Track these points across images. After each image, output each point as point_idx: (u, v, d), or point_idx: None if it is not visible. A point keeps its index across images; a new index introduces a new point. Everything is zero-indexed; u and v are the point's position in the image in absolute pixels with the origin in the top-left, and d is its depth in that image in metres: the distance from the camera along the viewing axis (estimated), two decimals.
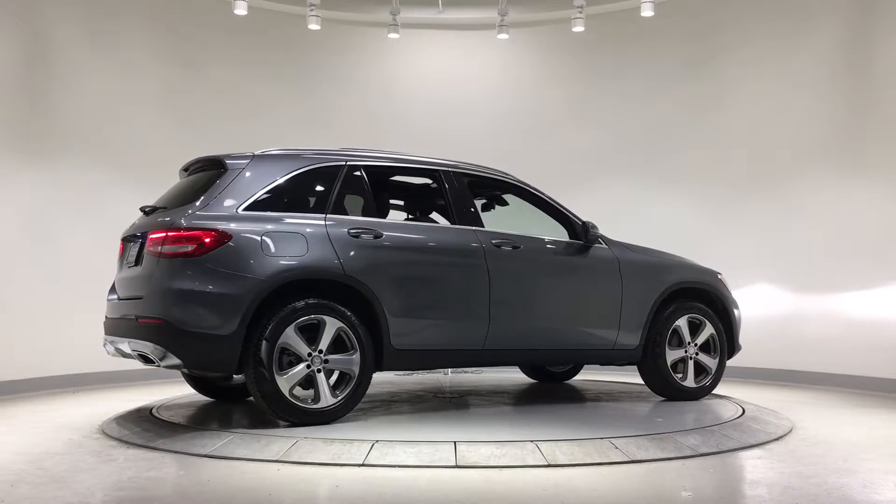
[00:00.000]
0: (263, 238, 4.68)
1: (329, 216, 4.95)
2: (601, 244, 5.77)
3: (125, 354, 5.06)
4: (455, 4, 9.42)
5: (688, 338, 5.94)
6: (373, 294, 4.87)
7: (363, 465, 4.02)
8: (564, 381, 7.24)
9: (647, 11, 8.42)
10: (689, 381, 5.95)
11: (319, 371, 4.74)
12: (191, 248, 4.57)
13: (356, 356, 4.82)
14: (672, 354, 5.88)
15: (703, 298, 6.10)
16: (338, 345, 4.82)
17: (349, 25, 9.39)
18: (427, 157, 5.66)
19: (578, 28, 8.80)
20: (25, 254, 7.34)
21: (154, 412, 5.41)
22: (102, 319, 5.34)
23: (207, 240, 4.57)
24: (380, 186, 5.88)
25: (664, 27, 8.93)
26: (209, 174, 5.06)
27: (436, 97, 9.46)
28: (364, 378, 4.87)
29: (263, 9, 8.97)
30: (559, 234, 5.77)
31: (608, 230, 5.91)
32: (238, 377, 5.44)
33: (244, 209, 4.78)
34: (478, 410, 5.63)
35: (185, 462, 4.18)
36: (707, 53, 8.80)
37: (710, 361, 6.04)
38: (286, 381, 4.64)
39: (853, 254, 7.61)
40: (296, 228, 4.80)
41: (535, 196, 5.81)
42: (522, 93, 9.52)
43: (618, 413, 5.59)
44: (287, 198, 4.97)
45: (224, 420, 5.10)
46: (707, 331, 6.01)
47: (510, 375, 7.79)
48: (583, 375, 7.45)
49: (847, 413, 6.17)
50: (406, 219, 6.26)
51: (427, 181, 5.91)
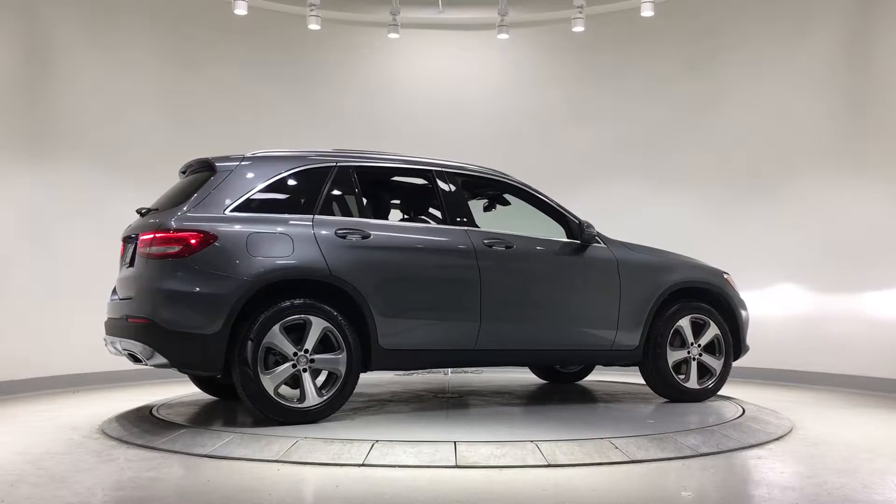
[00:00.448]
0: (249, 239, 4.74)
1: (317, 217, 4.99)
2: (599, 243, 5.72)
3: (120, 353, 5.12)
4: (455, 4, 9.42)
5: (690, 338, 5.85)
6: (359, 294, 4.90)
7: (363, 465, 4.03)
8: (575, 382, 7.15)
9: (647, 11, 8.42)
10: (692, 383, 5.85)
11: (305, 370, 4.78)
12: (177, 250, 4.65)
13: (342, 356, 4.85)
14: (674, 355, 5.80)
15: (708, 298, 6.00)
16: (326, 345, 4.86)
17: (349, 25, 9.39)
18: (419, 158, 5.67)
19: (578, 28, 8.80)
20: (25, 253, 7.33)
21: (154, 412, 5.41)
22: (103, 319, 5.35)
23: (193, 241, 4.65)
24: (371, 187, 5.92)
25: (664, 27, 8.93)
26: (200, 176, 5.11)
27: (436, 97, 9.45)
28: (351, 378, 4.90)
29: (263, 9, 8.97)
30: (559, 235, 5.75)
31: (608, 230, 5.90)
32: None
33: (232, 210, 4.84)
34: (478, 410, 5.63)
35: (185, 462, 4.19)
36: (707, 54, 8.79)
37: (715, 362, 5.93)
38: (271, 381, 4.69)
39: (852, 254, 7.61)
40: (282, 229, 4.85)
41: (532, 195, 5.79)
42: (522, 93, 9.52)
43: (618, 413, 5.60)
44: (276, 199, 5.03)
45: (224, 420, 5.10)
46: (711, 331, 5.92)
47: (511, 375, 7.79)
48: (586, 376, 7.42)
49: (847, 413, 6.17)
50: (401, 219, 6.24)
51: (419, 181, 5.87)
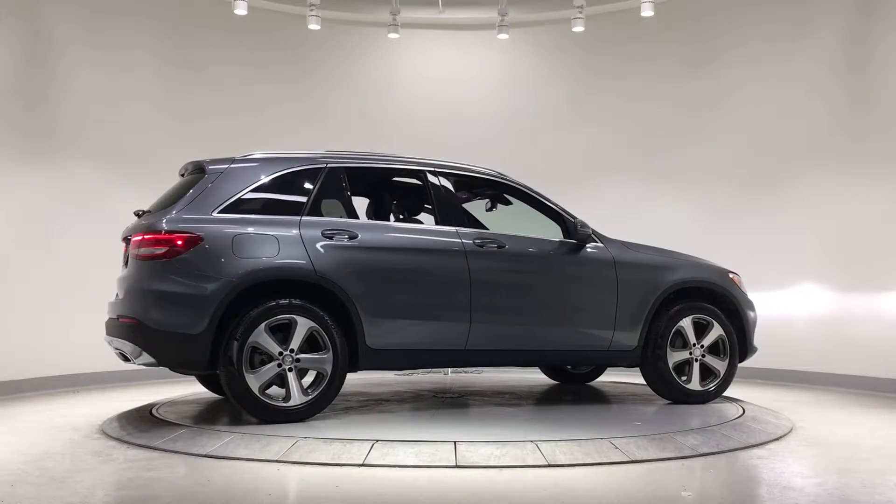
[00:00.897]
0: (235, 240, 4.80)
1: (305, 218, 5.03)
2: (596, 242, 5.67)
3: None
4: (455, 4, 9.42)
5: (693, 339, 5.74)
6: (345, 294, 4.92)
7: (363, 465, 4.03)
8: (586, 383, 7.08)
9: (647, 11, 8.42)
10: (694, 384, 5.74)
11: (291, 370, 4.82)
12: (163, 251, 4.74)
13: (328, 355, 4.88)
14: (675, 356, 5.70)
15: (713, 299, 5.90)
16: (313, 344, 4.89)
17: (349, 25, 9.39)
18: (411, 158, 5.67)
19: (578, 28, 8.80)
20: (25, 253, 7.33)
21: (154, 412, 5.41)
22: (104, 319, 5.37)
23: (179, 242, 4.73)
24: (362, 188, 5.97)
25: (664, 27, 8.92)
26: (193, 178, 5.17)
27: (436, 97, 9.45)
28: (336, 377, 4.92)
29: (263, 9, 8.97)
30: (558, 234, 5.73)
31: (608, 230, 5.89)
32: None
33: (220, 212, 4.90)
34: (478, 410, 5.63)
35: (185, 462, 4.19)
36: (707, 54, 8.79)
37: (719, 364, 5.82)
38: (256, 380, 4.73)
39: (852, 254, 7.61)
40: (268, 230, 4.90)
41: (528, 195, 5.76)
42: (522, 93, 9.52)
43: (618, 413, 5.59)
44: (265, 200, 5.08)
45: (224, 420, 5.10)
46: (715, 332, 5.80)
47: (512, 375, 7.79)
48: None
49: (847, 413, 6.17)
50: (397, 219, 6.24)
51: (411, 182, 5.85)
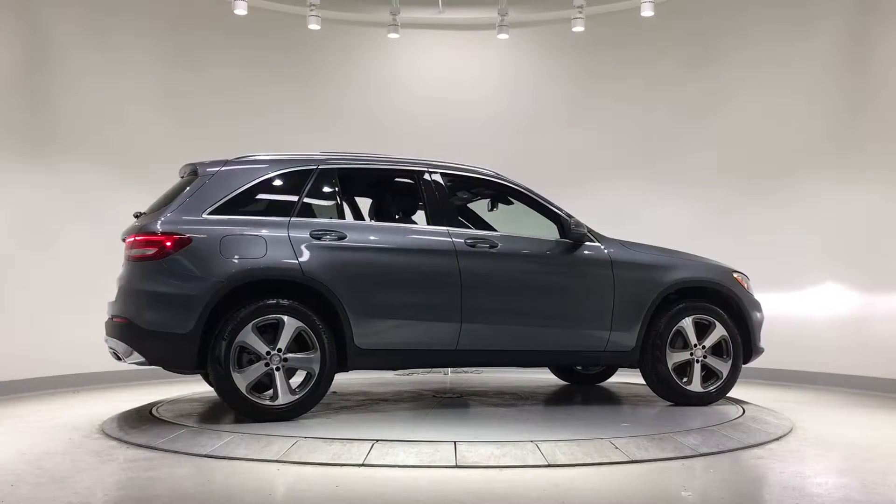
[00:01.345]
0: (223, 241, 4.87)
1: (294, 219, 5.07)
2: (593, 242, 5.62)
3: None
4: (455, 4, 9.42)
5: (693, 340, 5.65)
6: (333, 294, 4.96)
7: (363, 465, 4.03)
8: (597, 384, 7.02)
9: (647, 12, 8.42)
10: (695, 385, 5.65)
11: (278, 369, 4.87)
12: (153, 252, 4.85)
13: (316, 355, 4.92)
14: (675, 357, 5.61)
15: (716, 299, 5.80)
16: (302, 344, 4.93)
17: (349, 25, 9.39)
18: (404, 158, 5.68)
19: (578, 28, 8.80)
20: (25, 253, 7.33)
21: (154, 412, 5.41)
22: (104, 319, 5.37)
23: (168, 243, 4.82)
24: (354, 188, 6.01)
25: (664, 28, 8.93)
26: (186, 180, 5.24)
27: (436, 97, 9.45)
28: (324, 377, 4.96)
29: (263, 9, 8.97)
30: (556, 234, 5.68)
31: (608, 230, 5.86)
32: None
33: (210, 213, 4.97)
34: (478, 410, 5.63)
35: (185, 462, 4.19)
36: (707, 54, 8.79)
37: (721, 365, 5.71)
38: (243, 379, 4.79)
39: (852, 254, 7.61)
40: (256, 231, 4.96)
41: (524, 194, 5.74)
42: (522, 93, 9.52)
43: (618, 413, 5.59)
44: (256, 202, 5.15)
45: (224, 420, 5.09)
46: (717, 332, 5.69)
47: (512, 375, 7.79)
48: None
49: (847, 413, 6.17)
50: (394, 219, 6.23)
51: (403, 182, 5.84)
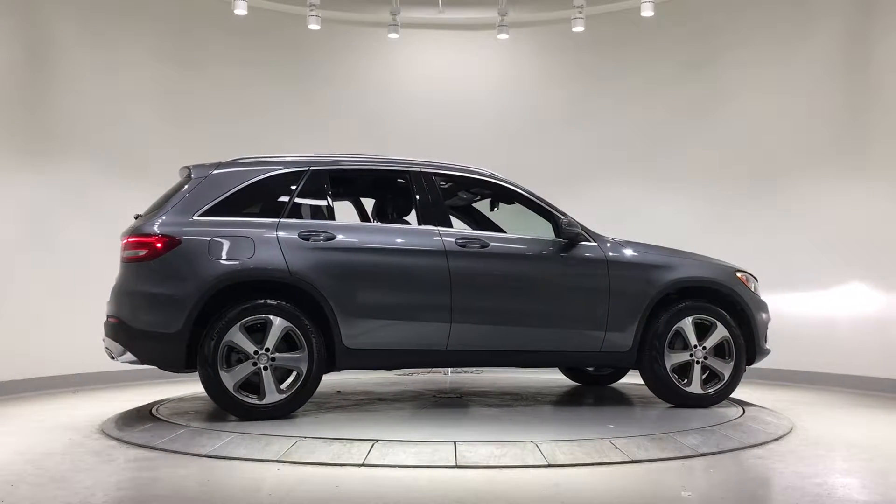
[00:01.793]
0: (211, 242, 4.96)
1: (283, 220, 5.14)
2: (588, 241, 5.56)
3: None
4: (455, 4, 9.42)
5: (693, 340, 5.54)
6: (320, 294, 5.01)
7: (363, 465, 4.03)
8: (608, 385, 6.96)
9: (648, 11, 8.41)
10: (695, 387, 5.54)
11: (266, 369, 4.92)
12: (144, 253, 4.97)
13: (303, 355, 4.97)
14: (674, 358, 5.52)
15: (718, 298, 5.70)
16: (291, 344, 4.98)
17: (349, 25, 9.39)
18: (396, 159, 5.70)
19: (578, 28, 8.80)
20: (25, 254, 7.33)
21: (154, 412, 5.41)
22: (103, 319, 5.39)
23: (159, 245, 4.94)
24: (346, 189, 6.06)
25: (664, 28, 8.92)
26: (181, 182, 5.33)
27: (436, 97, 9.45)
28: (311, 376, 5.00)
29: (263, 9, 8.96)
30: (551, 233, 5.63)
31: (608, 230, 5.85)
32: None
33: (201, 215, 5.07)
34: (478, 410, 5.63)
35: (185, 462, 4.19)
36: (707, 54, 8.79)
37: (723, 366, 5.60)
38: (230, 378, 4.86)
39: (852, 254, 7.61)
40: (245, 232, 5.04)
41: (518, 193, 5.72)
42: (522, 93, 9.51)
43: (618, 413, 5.59)
44: (246, 203, 5.22)
45: (224, 420, 5.09)
46: (718, 333, 5.58)
47: (513, 375, 7.79)
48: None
49: (847, 413, 6.17)
50: (387, 220, 6.24)
51: (395, 182, 5.86)
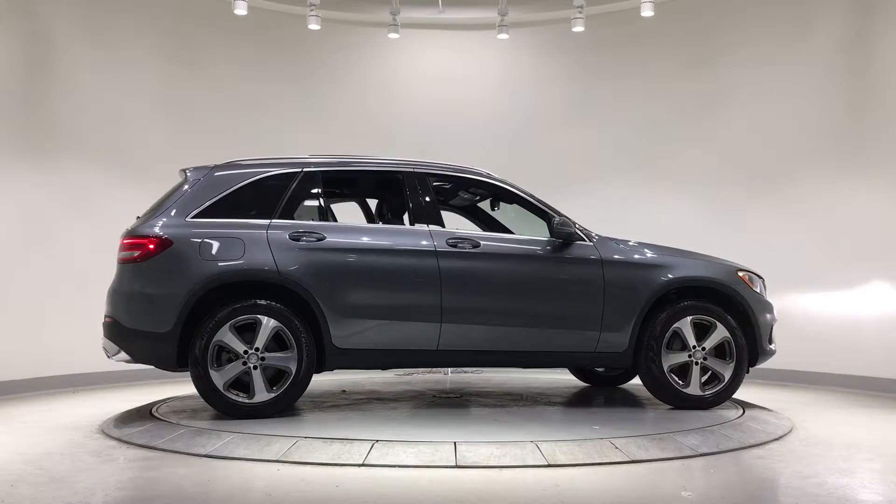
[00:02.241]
0: (202, 243, 5.06)
1: (274, 221, 5.21)
2: (584, 240, 5.52)
3: None
4: (455, 4, 9.42)
5: (692, 341, 5.47)
6: (309, 295, 5.07)
7: (363, 465, 4.03)
8: (618, 386, 6.89)
9: (647, 12, 8.41)
10: (693, 388, 5.47)
11: (255, 368, 5.00)
12: (137, 254, 5.09)
13: (293, 354, 5.03)
14: (672, 358, 5.45)
15: (718, 298, 5.61)
16: (282, 344, 5.05)
17: (349, 25, 9.39)
18: (388, 159, 5.72)
19: (578, 28, 8.80)
20: (25, 254, 7.33)
21: (154, 412, 5.42)
22: (103, 320, 5.43)
23: (151, 246, 5.05)
24: (339, 190, 6.10)
25: (664, 28, 8.92)
26: (178, 184, 5.42)
27: (436, 97, 9.45)
28: (300, 375, 5.05)
29: (263, 9, 8.96)
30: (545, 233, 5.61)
31: (608, 230, 5.84)
32: None
33: (194, 217, 5.16)
34: (478, 410, 5.63)
35: (185, 462, 4.19)
36: (707, 54, 8.79)
37: (723, 367, 5.52)
38: (220, 377, 4.96)
39: (853, 254, 7.61)
40: (235, 233, 5.12)
41: (511, 193, 5.72)
42: (522, 93, 9.51)
43: (618, 413, 5.58)
44: (239, 205, 5.28)
45: (224, 420, 5.09)
46: (718, 334, 5.50)
47: (513, 375, 7.79)
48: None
49: (847, 413, 6.17)
50: (382, 221, 6.25)
51: (387, 183, 5.88)
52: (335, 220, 6.18)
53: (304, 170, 5.42)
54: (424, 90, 9.49)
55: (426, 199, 5.50)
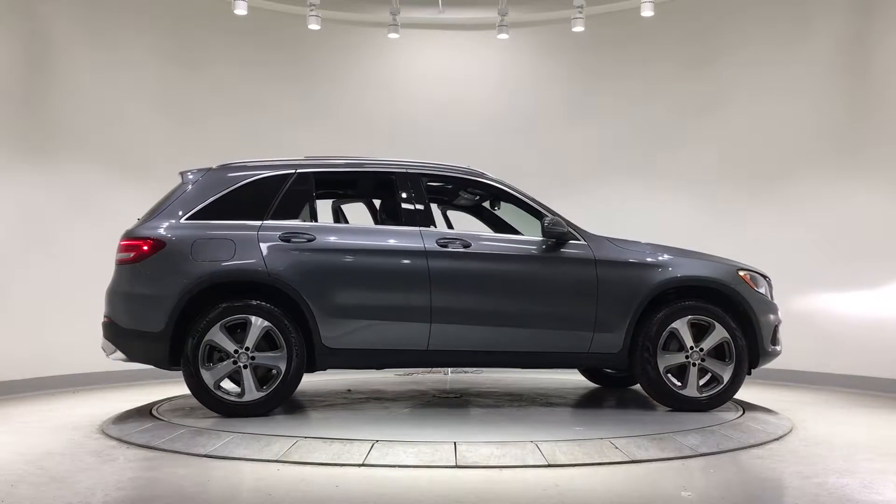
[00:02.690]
0: (194, 244, 5.14)
1: (266, 222, 5.28)
2: (577, 239, 5.48)
3: None
4: (455, 4, 9.42)
5: (689, 342, 5.38)
6: (298, 295, 5.12)
7: (363, 465, 4.03)
8: (629, 387, 6.82)
9: (647, 12, 8.42)
10: (691, 390, 5.38)
11: (246, 367, 5.08)
12: (132, 255, 5.19)
13: (283, 354, 5.09)
14: (669, 359, 5.38)
15: (717, 298, 5.52)
16: (272, 343, 5.12)
17: (349, 25, 9.39)
18: (381, 159, 5.74)
19: (578, 28, 8.80)
20: (25, 253, 7.33)
21: (154, 412, 5.42)
22: (103, 320, 5.45)
23: (145, 247, 5.16)
24: (332, 191, 6.15)
25: (664, 28, 8.92)
26: (175, 186, 5.50)
27: (436, 97, 9.45)
28: (290, 375, 5.11)
29: (263, 9, 8.97)
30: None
31: (608, 230, 5.82)
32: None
33: (188, 218, 5.25)
34: (478, 410, 5.63)
35: (185, 462, 4.19)
36: (707, 54, 8.79)
37: (721, 369, 5.42)
38: (211, 376, 5.05)
39: (852, 254, 7.61)
40: (227, 235, 5.20)
41: (504, 192, 5.71)
42: (522, 93, 9.51)
43: (618, 413, 5.59)
44: (232, 206, 5.34)
45: (224, 420, 5.10)
46: (717, 334, 5.40)
47: (513, 375, 7.79)
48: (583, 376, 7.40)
49: (847, 413, 6.17)
50: (377, 221, 6.25)
51: (380, 183, 5.91)
52: (344, 221, 6.27)
53: (298, 171, 5.47)
54: (424, 90, 9.49)
55: (418, 200, 5.51)
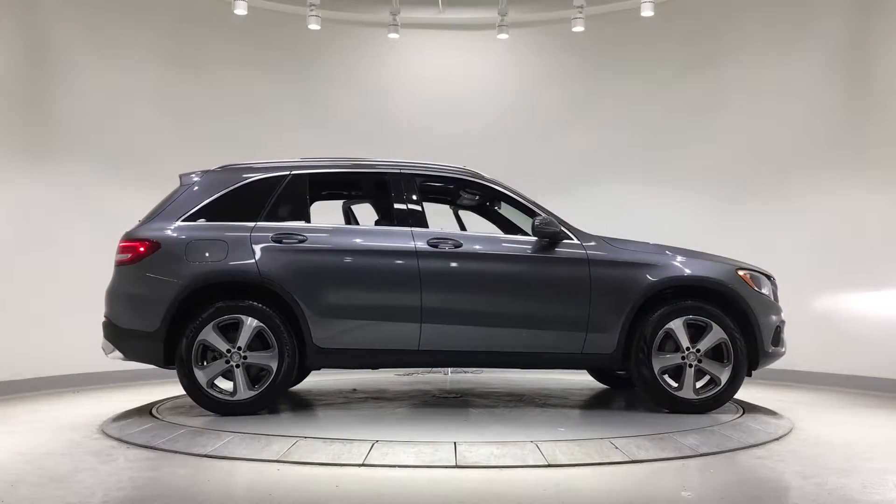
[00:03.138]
0: (188, 246, 5.25)
1: (259, 223, 5.34)
2: (571, 239, 5.43)
3: None
4: (455, 4, 9.42)
5: (685, 343, 5.30)
6: (289, 295, 5.19)
7: (363, 465, 4.03)
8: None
9: (648, 12, 8.42)
10: (687, 391, 5.30)
11: (238, 366, 5.15)
12: (129, 256, 5.30)
13: (274, 353, 5.16)
14: (665, 360, 5.31)
15: (716, 298, 5.43)
16: (264, 343, 5.19)
17: (349, 25, 9.39)
18: (376, 160, 5.76)
19: (578, 28, 8.80)
20: (25, 253, 7.33)
21: (154, 412, 5.43)
22: (103, 320, 5.49)
23: (142, 249, 5.27)
24: (327, 192, 6.20)
25: (664, 28, 8.92)
26: (174, 189, 5.58)
27: (436, 97, 9.45)
28: (282, 374, 5.17)
29: (263, 9, 8.96)
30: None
31: (608, 230, 5.83)
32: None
33: (184, 220, 5.35)
34: (478, 410, 5.63)
35: (185, 462, 4.19)
36: (707, 54, 8.79)
37: (719, 370, 5.33)
38: (204, 375, 5.14)
39: (852, 254, 7.61)
40: (220, 236, 5.28)
41: (497, 192, 5.71)
42: (522, 93, 9.51)
43: (618, 413, 5.59)
44: (227, 208, 5.42)
45: (224, 420, 5.10)
46: (714, 335, 5.31)
47: (513, 375, 7.79)
48: (586, 376, 7.41)
49: (847, 413, 6.17)
50: (376, 221, 6.25)
51: (374, 184, 5.96)
52: (355, 222, 6.31)
53: (293, 173, 5.53)
54: (424, 90, 9.49)
55: (410, 200, 5.53)
